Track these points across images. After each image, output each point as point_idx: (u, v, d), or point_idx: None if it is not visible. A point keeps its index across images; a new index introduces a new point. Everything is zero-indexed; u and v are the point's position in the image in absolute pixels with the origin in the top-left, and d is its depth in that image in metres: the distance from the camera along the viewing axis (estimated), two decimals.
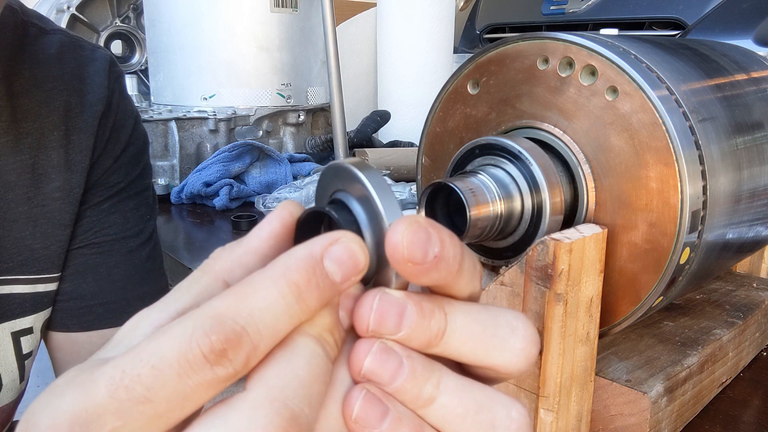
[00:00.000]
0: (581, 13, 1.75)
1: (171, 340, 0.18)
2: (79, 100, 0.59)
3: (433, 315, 0.21)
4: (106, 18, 1.94)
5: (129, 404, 0.18)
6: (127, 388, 0.18)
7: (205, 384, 0.18)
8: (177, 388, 0.18)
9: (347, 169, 0.23)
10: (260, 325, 0.19)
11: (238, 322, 0.19)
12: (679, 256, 0.40)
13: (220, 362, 0.18)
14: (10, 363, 0.59)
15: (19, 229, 0.56)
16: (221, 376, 0.18)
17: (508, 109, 0.46)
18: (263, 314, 0.19)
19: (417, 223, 0.20)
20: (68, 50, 0.61)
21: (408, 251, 0.20)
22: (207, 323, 0.18)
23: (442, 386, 0.22)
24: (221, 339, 0.18)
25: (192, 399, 0.18)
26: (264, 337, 0.19)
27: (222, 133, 1.26)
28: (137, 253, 0.64)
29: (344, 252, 0.20)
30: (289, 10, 1.31)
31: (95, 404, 0.18)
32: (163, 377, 0.18)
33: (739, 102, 0.49)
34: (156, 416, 0.18)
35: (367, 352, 0.21)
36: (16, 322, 0.58)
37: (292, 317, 0.20)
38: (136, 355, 0.18)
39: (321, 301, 0.20)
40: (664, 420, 0.44)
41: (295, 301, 0.20)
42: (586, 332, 0.40)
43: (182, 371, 0.18)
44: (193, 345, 0.18)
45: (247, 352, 0.19)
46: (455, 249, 0.21)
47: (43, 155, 0.57)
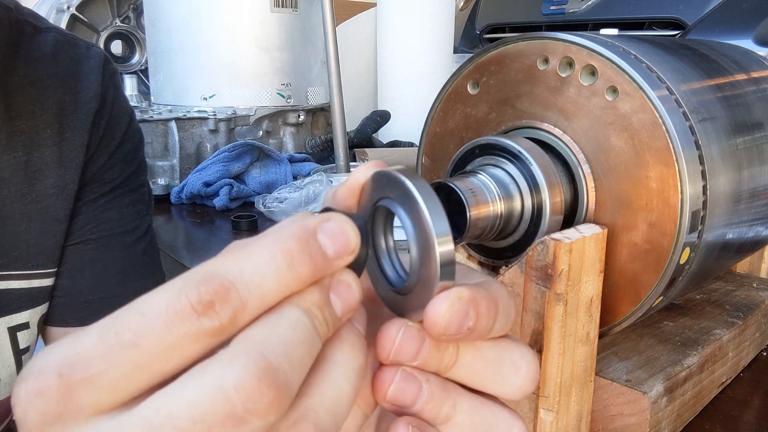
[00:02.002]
0: (581, 13, 1.75)
1: (162, 292, 0.19)
2: (73, 98, 0.60)
3: (447, 350, 0.23)
4: (106, 18, 1.94)
5: (117, 349, 0.18)
6: (117, 333, 0.18)
7: (191, 335, 0.18)
8: (163, 336, 0.18)
9: (395, 179, 0.23)
10: (249, 284, 0.19)
11: (227, 277, 0.19)
12: (679, 256, 0.40)
13: (207, 313, 0.18)
14: (7, 358, 0.59)
15: (14, 225, 0.57)
16: (207, 328, 0.19)
17: (508, 109, 0.46)
18: (253, 273, 0.19)
19: (460, 301, 0.22)
20: (63, 48, 0.61)
21: (445, 328, 0.22)
22: (197, 277, 0.19)
23: (457, 407, 0.23)
24: (209, 290, 0.19)
25: (178, 350, 0.19)
26: (252, 295, 0.19)
27: (222, 133, 1.26)
28: (133, 249, 0.65)
29: (337, 228, 0.21)
30: (289, 10, 1.31)
31: (84, 348, 0.18)
32: (151, 324, 0.18)
33: (739, 102, 0.49)
34: (141, 364, 0.18)
35: (391, 381, 0.23)
36: (13, 317, 0.59)
37: (282, 282, 0.20)
38: (129, 305, 0.19)
39: (313, 271, 0.20)
40: (664, 420, 0.44)
41: (287, 266, 0.20)
42: (586, 332, 0.40)
43: (169, 319, 0.18)
44: (182, 296, 0.19)
45: (234, 306, 0.19)
46: (489, 318, 0.23)
47: (36, 152, 0.57)
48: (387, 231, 0.25)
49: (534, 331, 0.39)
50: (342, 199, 0.25)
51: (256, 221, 0.98)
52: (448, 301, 0.22)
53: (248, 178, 1.15)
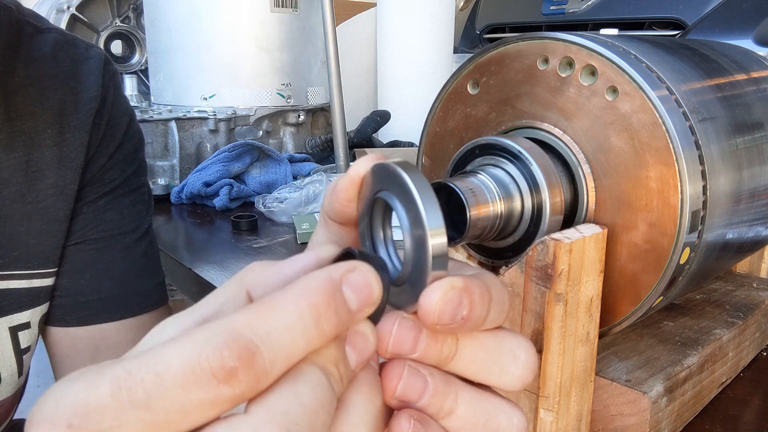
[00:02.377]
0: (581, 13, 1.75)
1: (181, 349, 0.18)
2: (73, 99, 0.60)
3: (446, 341, 0.23)
4: (106, 18, 1.94)
5: (128, 407, 0.17)
6: (129, 390, 0.17)
7: (207, 402, 0.18)
8: (177, 401, 0.17)
9: (393, 171, 0.23)
10: (275, 347, 0.18)
11: (253, 339, 0.18)
12: (679, 256, 0.40)
13: (229, 381, 0.17)
14: (8, 358, 0.59)
15: (14, 226, 0.57)
16: (226, 396, 0.18)
17: (508, 109, 0.46)
18: (281, 334, 0.19)
19: (452, 290, 0.22)
20: (63, 49, 0.61)
21: (438, 317, 0.22)
22: (220, 337, 0.18)
23: (459, 399, 0.24)
24: (234, 356, 0.17)
25: (192, 415, 0.18)
26: (278, 359, 0.18)
27: (222, 133, 1.26)
28: (134, 249, 0.65)
29: (362, 280, 0.21)
30: (289, 10, 1.31)
31: (97, 400, 0.18)
32: (165, 387, 0.17)
33: (739, 102, 0.49)
34: (153, 425, 0.17)
35: (399, 377, 0.22)
36: (13, 317, 0.59)
37: (308, 342, 0.19)
38: (145, 358, 0.18)
39: (337, 328, 0.20)
40: (664, 420, 0.44)
41: (314, 324, 0.19)
42: (586, 332, 0.40)
43: (186, 384, 0.17)
44: (203, 358, 0.17)
45: (257, 372, 0.18)
46: (482, 307, 0.23)
47: (36, 153, 0.57)
48: (385, 222, 0.25)
49: (534, 331, 0.39)
50: (343, 190, 0.26)
51: (256, 221, 0.98)
52: (441, 290, 0.22)
53: (248, 178, 1.15)
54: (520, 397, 0.40)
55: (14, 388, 0.62)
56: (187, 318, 0.21)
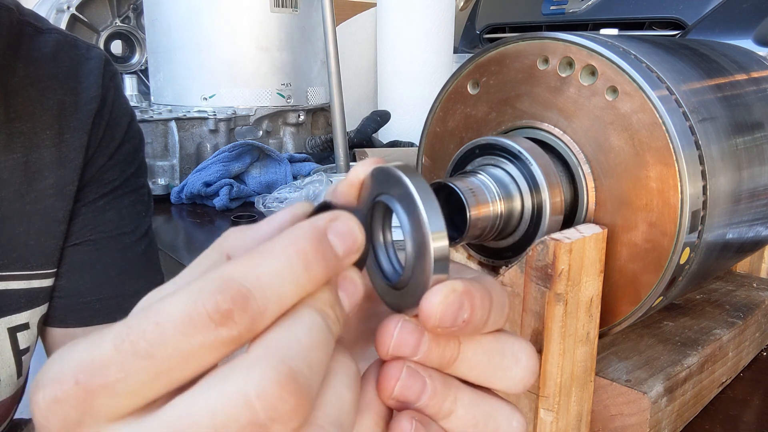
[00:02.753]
0: (581, 13, 1.75)
1: (177, 299, 0.19)
2: (73, 99, 0.60)
3: (448, 344, 0.23)
4: (106, 18, 1.94)
5: (132, 358, 0.18)
6: (132, 342, 0.18)
7: (207, 345, 0.18)
8: (179, 346, 0.18)
9: (394, 174, 0.23)
10: (267, 289, 0.19)
11: (244, 284, 0.19)
12: (679, 256, 0.40)
13: (225, 323, 0.18)
14: (7, 358, 0.59)
15: (13, 226, 0.57)
16: (224, 337, 0.18)
17: (508, 109, 0.46)
18: (271, 278, 0.19)
19: (453, 293, 0.22)
20: (63, 49, 0.61)
21: (439, 320, 0.22)
22: (214, 284, 0.19)
23: (459, 401, 0.24)
24: (227, 299, 0.18)
25: (194, 359, 0.18)
26: (270, 301, 0.19)
27: (222, 133, 1.26)
28: (133, 250, 0.65)
29: (345, 227, 0.21)
30: (289, 10, 1.31)
31: (101, 355, 0.18)
32: (167, 334, 0.18)
33: (739, 102, 0.49)
34: (158, 373, 0.18)
35: (397, 378, 0.23)
36: (13, 318, 0.59)
37: (299, 285, 0.20)
38: (144, 313, 0.19)
39: (326, 272, 0.20)
40: (664, 420, 0.44)
41: (303, 268, 0.20)
42: (586, 332, 0.40)
43: (186, 329, 0.18)
44: (198, 304, 0.18)
45: (252, 314, 0.19)
46: (483, 310, 0.23)
47: (35, 153, 0.57)
48: (385, 226, 0.25)
49: (534, 331, 0.39)
50: (343, 194, 0.26)
51: (256, 221, 0.97)
52: (442, 293, 0.22)
53: (248, 178, 1.15)
54: (520, 397, 0.40)
55: (13, 389, 0.62)
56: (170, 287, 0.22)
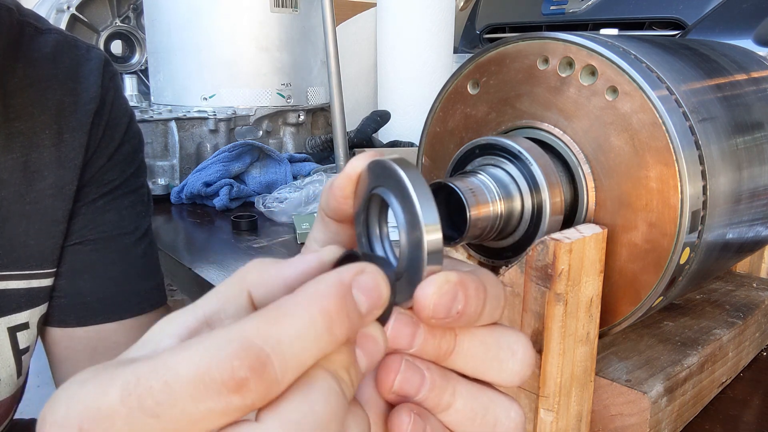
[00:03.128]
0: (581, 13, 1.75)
1: (190, 357, 0.17)
2: (72, 99, 0.60)
3: (444, 336, 0.23)
4: (106, 18, 1.94)
5: (138, 414, 0.17)
6: (139, 397, 0.17)
7: (217, 412, 0.17)
8: (187, 411, 0.17)
9: (389, 168, 0.23)
10: (287, 356, 0.18)
11: (264, 349, 0.18)
12: (679, 256, 0.40)
13: (239, 391, 0.17)
14: (7, 358, 0.59)
15: (13, 226, 0.57)
16: (236, 406, 0.17)
17: (508, 109, 0.46)
18: (292, 342, 0.18)
19: (447, 284, 0.22)
20: (63, 50, 0.61)
21: (433, 311, 0.22)
22: (231, 346, 0.17)
23: (457, 393, 0.24)
24: (244, 365, 0.17)
25: (202, 425, 0.17)
26: (289, 368, 0.18)
27: (222, 133, 1.26)
28: (133, 250, 0.65)
29: (371, 282, 0.20)
30: (289, 10, 1.31)
31: (107, 406, 0.17)
32: (175, 395, 0.17)
33: (739, 102, 0.49)
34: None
35: (396, 371, 0.22)
36: (12, 318, 0.59)
37: (320, 348, 0.19)
38: (154, 364, 0.18)
39: (348, 332, 0.20)
40: (664, 420, 0.44)
41: (326, 330, 0.19)
42: (586, 332, 0.40)
43: (196, 393, 0.17)
44: (213, 368, 0.17)
45: (268, 383, 0.18)
46: (478, 302, 0.23)
47: (35, 153, 0.57)
48: (381, 218, 0.26)
49: (534, 331, 0.39)
50: (340, 188, 0.26)
51: (256, 221, 0.98)
52: (436, 284, 0.22)
53: (248, 178, 1.15)
54: (520, 397, 0.40)
55: (13, 389, 0.62)
56: (188, 317, 0.21)
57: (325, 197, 0.27)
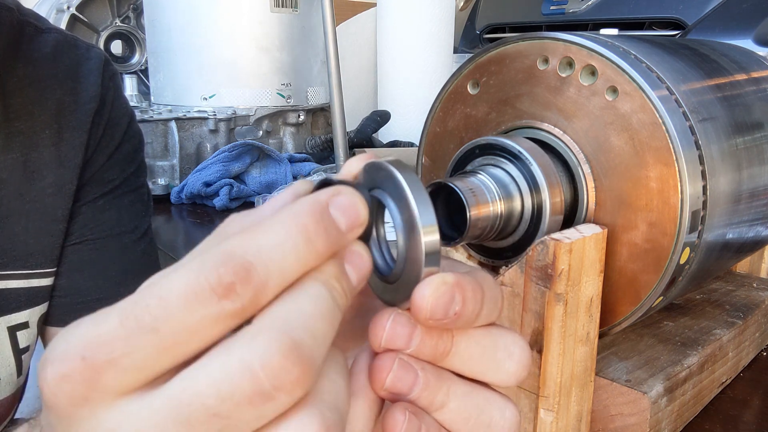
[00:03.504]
0: (581, 13, 1.75)
1: (180, 274, 0.19)
2: (72, 99, 0.60)
3: (441, 337, 0.23)
4: (106, 18, 1.94)
5: (137, 333, 0.18)
6: (137, 317, 0.18)
7: (211, 318, 0.18)
8: (183, 320, 0.18)
9: (386, 170, 0.23)
10: (269, 262, 0.19)
11: (246, 257, 0.19)
12: (679, 256, 0.40)
13: (228, 295, 0.18)
14: (7, 357, 0.59)
15: (13, 225, 0.57)
16: (228, 310, 0.18)
17: (508, 109, 0.46)
18: (272, 251, 0.19)
19: (444, 285, 0.22)
20: (63, 49, 0.61)
21: (431, 312, 0.22)
22: (215, 258, 0.19)
23: (451, 393, 0.24)
24: (229, 271, 0.18)
25: (198, 333, 0.18)
26: (272, 273, 0.19)
27: (222, 133, 1.26)
28: (133, 249, 0.65)
29: (347, 201, 0.21)
30: (289, 10, 1.31)
31: (106, 331, 0.18)
32: (170, 308, 0.18)
33: (739, 102, 0.49)
34: (163, 348, 0.18)
35: (389, 369, 0.23)
36: (12, 317, 0.59)
37: (301, 259, 0.20)
38: (148, 288, 0.19)
39: (329, 246, 0.20)
40: (664, 420, 0.44)
41: (304, 242, 0.20)
42: (586, 332, 0.40)
43: (189, 303, 0.18)
44: (201, 277, 0.18)
45: (254, 286, 0.19)
46: (475, 303, 0.23)
47: (34, 153, 0.58)
48: (378, 220, 0.26)
49: (534, 331, 0.39)
50: None
51: None
52: (433, 285, 0.22)
53: (248, 178, 1.15)
54: (520, 397, 0.40)
55: (13, 388, 0.62)
56: (174, 267, 0.22)
57: None
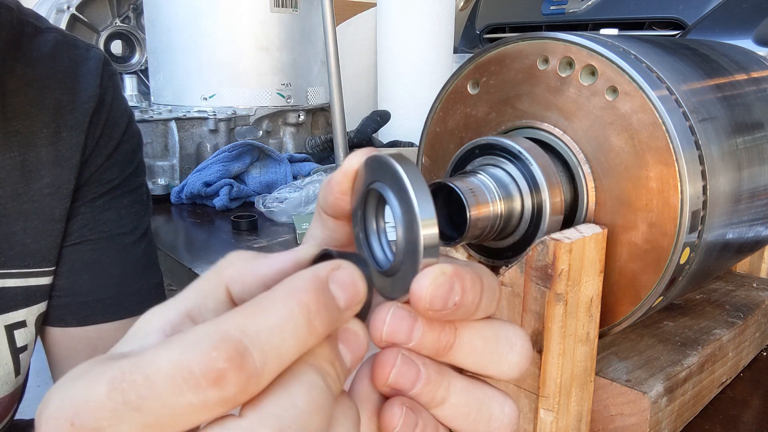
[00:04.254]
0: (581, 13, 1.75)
1: (170, 352, 0.18)
2: (70, 98, 0.60)
3: (443, 330, 0.23)
4: (106, 18, 1.94)
5: (122, 408, 0.17)
6: (123, 391, 0.17)
7: (197, 405, 0.17)
8: (167, 404, 0.17)
9: (386, 163, 0.23)
10: (266, 346, 0.18)
11: (242, 341, 0.18)
12: (679, 256, 0.40)
13: (218, 384, 0.17)
14: (4, 356, 0.59)
15: (10, 225, 0.57)
16: (216, 399, 0.17)
17: (508, 109, 0.46)
18: (271, 334, 0.18)
19: (443, 275, 0.22)
20: (62, 49, 0.61)
21: (430, 303, 0.22)
22: (209, 340, 0.18)
23: (452, 388, 0.24)
24: (222, 357, 0.17)
25: (183, 418, 0.17)
26: (269, 359, 0.18)
27: (222, 133, 1.26)
28: (132, 250, 0.65)
29: (347, 277, 0.21)
30: (289, 10, 1.31)
31: (95, 400, 0.18)
32: (156, 389, 0.17)
33: (739, 102, 0.49)
34: (146, 426, 0.17)
35: (392, 365, 0.22)
36: (9, 316, 0.59)
37: (300, 341, 0.19)
38: (137, 360, 0.18)
39: (328, 326, 0.20)
40: (664, 420, 0.44)
41: (305, 322, 0.19)
42: (586, 332, 0.40)
43: (176, 386, 0.17)
44: (192, 361, 0.17)
45: (248, 374, 0.17)
46: (475, 293, 0.23)
47: (32, 152, 0.58)
48: (378, 214, 0.26)
49: (534, 331, 0.39)
50: (337, 183, 0.26)
51: (256, 221, 0.98)
52: (431, 275, 0.22)
53: (248, 178, 1.15)
54: (520, 397, 0.40)
55: (12, 387, 0.62)
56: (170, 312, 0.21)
57: (322, 194, 0.27)
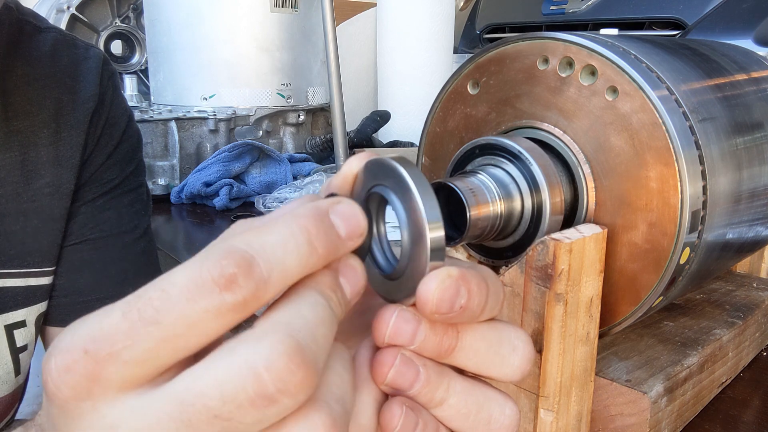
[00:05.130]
0: (581, 13, 1.75)
1: (184, 268, 0.19)
2: (70, 98, 0.60)
3: (446, 333, 0.23)
4: (106, 18, 1.94)
5: (139, 325, 0.18)
6: (139, 309, 0.19)
7: (213, 310, 0.18)
8: (184, 312, 0.18)
9: (389, 166, 0.23)
10: (271, 257, 0.19)
11: (248, 251, 0.19)
12: (679, 256, 0.40)
13: (230, 287, 0.18)
14: (4, 355, 0.59)
15: (10, 224, 0.57)
16: (229, 302, 0.18)
17: (508, 109, 0.46)
18: (274, 248, 0.19)
19: (449, 278, 0.22)
20: (62, 48, 0.61)
21: (436, 306, 0.22)
22: (218, 251, 0.19)
23: (451, 389, 0.24)
24: (231, 263, 0.18)
25: (200, 326, 0.18)
26: (274, 269, 0.19)
27: (222, 133, 1.26)
28: (132, 249, 0.65)
29: (348, 210, 0.22)
30: (289, 10, 1.31)
31: (109, 324, 0.19)
32: (172, 299, 0.18)
33: (739, 102, 0.49)
34: (164, 339, 0.18)
35: (390, 365, 0.23)
36: (9, 315, 0.59)
37: (301, 259, 0.20)
38: (152, 283, 0.19)
39: (328, 250, 0.21)
40: (664, 420, 0.44)
41: (306, 242, 0.20)
42: (586, 332, 0.40)
43: (190, 294, 0.18)
44: (204, 269, 0.18)
45: (256, 280, 0.19)
46: (480, 296, 0.23)
47: (32, 152, 0.58)
48: (379, 218, 0.26)
49: (534, 331, 0.39)
50: (337, 187, 0.26)
51: None
52: (438, 278, 0.22)
53: (248, 178, 1.15)
54: (520, 397, 0.40)
55: (11, 387, 0.62)
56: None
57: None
